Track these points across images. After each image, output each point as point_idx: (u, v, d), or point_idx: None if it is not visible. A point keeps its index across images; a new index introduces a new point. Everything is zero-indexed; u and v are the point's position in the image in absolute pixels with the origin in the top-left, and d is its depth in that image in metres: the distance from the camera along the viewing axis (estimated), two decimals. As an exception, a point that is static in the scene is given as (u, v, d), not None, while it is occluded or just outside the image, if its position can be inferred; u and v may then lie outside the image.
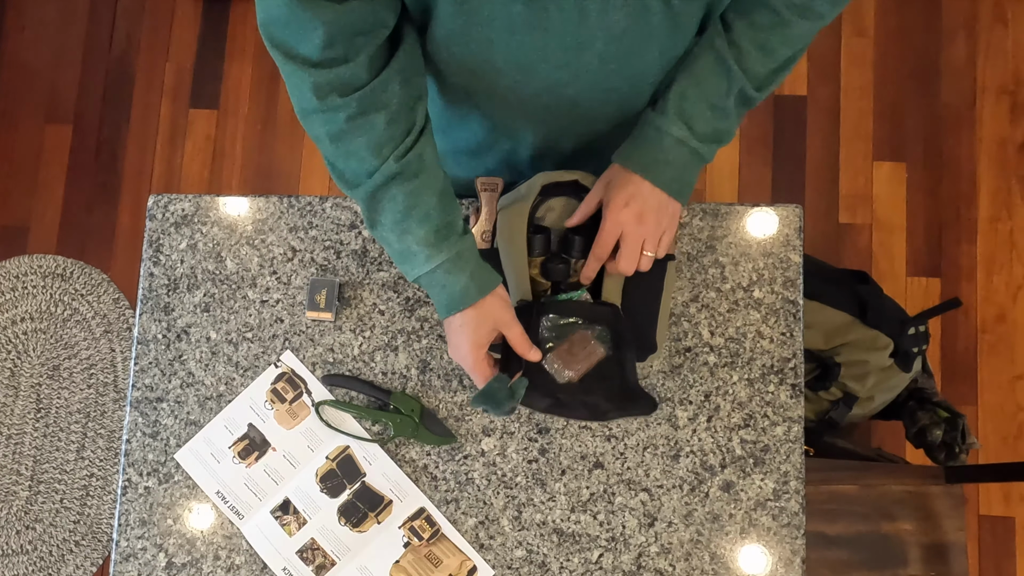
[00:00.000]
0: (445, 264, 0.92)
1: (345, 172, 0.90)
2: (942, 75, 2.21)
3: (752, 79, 0.91)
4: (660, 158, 0.93)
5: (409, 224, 0.90)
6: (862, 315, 1.53)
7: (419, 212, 0.90)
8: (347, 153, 0.88)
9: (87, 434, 2.14)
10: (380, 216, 0.91)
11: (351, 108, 0.84)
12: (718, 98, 0.91)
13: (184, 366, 1.17)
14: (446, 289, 0.93)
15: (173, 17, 2.34)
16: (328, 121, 0.85)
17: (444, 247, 0.92)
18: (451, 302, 0.94)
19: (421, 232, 0.90)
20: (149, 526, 1.14)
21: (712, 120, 0.92)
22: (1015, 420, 2.06)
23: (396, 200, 0.89)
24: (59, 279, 2.22)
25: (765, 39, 0.89)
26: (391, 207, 0.89)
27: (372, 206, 0.90)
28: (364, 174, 0.88)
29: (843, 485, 1.50)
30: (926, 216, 2.16)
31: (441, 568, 1.12)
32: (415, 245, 0.91)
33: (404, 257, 0.93)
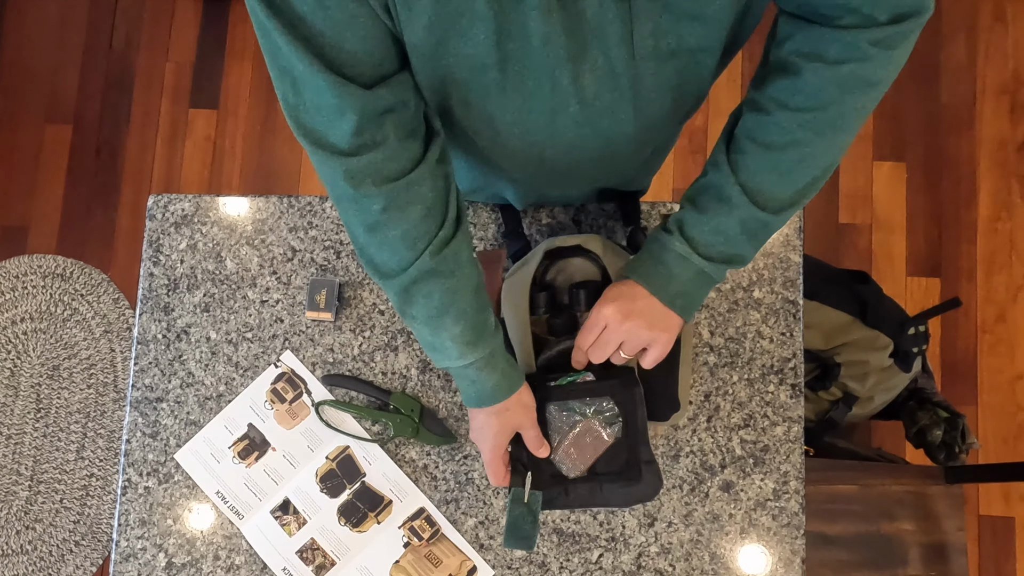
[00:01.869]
0: (478, 363, 0.92)
1: (378, 262, 0.88)
2: (942, 75, 2.21)
3: (765, 206, 0.85)
4: (663, 271, 0.90)
5: (444, 321, 0.89)
6: (862, 315, 1.53)
7: (455, 311, 0.89)
8: (381, 243, 0.86)
9: (87, 434, 2.14)
10: (413, 310, 0.89)
11: (385, 199, 0.83)
12: (720, 225, 0.86)
13: (184, 366, 1.17)
14: (475, 384, 0.93)
15: (173, 17, 2.34)
16: (363, 211, 0.84)
17: (479, 346, 0.91)
18: (480, 397, 0.94)
19: (457, 330, 0.90)
20: (149, 526, 1.14)
21: (718, 245, 0.87)
22: (1015, 420, 2.06)
23: (432, 297, 0.88)
24: (59, 279, 2.22)
25: (777, 160, 0.83)
26: (425, 303, 0.88)
27: (405, 299, 0.89)
28: (398, 267, 0.87)
29: (843, 485, 1.50)
30: (926, 216, 2.16)
31: (441, 568, 1.12)
32: (448, 341, 0.90)
33: (435, 348, 0.92)
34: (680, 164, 2.19)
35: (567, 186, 1.07)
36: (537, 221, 1.19)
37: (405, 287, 0.88)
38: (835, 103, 0.79)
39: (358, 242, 0.88)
